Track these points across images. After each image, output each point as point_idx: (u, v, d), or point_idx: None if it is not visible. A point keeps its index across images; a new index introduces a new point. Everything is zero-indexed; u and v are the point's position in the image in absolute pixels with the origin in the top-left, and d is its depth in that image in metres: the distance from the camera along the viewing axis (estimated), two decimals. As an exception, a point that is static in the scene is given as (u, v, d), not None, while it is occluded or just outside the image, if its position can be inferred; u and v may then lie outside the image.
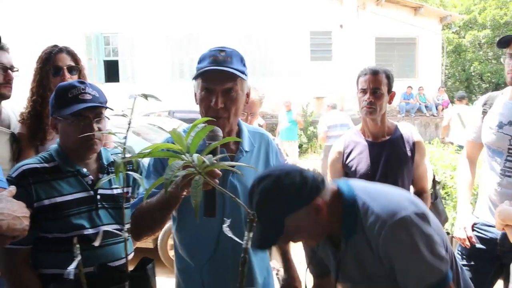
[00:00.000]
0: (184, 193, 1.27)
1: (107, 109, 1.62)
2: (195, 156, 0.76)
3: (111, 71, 14.95)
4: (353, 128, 2.46)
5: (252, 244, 1.30)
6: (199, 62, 1.51)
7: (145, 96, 1.09)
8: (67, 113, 1.52)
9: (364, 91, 2.22)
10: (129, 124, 1.04)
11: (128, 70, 14.81)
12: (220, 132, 1.37)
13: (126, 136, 1.04)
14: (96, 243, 1.11)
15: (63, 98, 1.56)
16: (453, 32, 22.36)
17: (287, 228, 1.25)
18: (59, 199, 1.52)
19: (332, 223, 1.31)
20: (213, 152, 1.25)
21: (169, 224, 1.63)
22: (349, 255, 1.35)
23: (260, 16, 13.68)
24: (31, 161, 1.57)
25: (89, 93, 1.56)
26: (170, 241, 4.01)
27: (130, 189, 1.74)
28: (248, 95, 1.59)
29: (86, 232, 1.53)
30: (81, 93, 1.55)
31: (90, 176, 1.61)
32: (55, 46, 2.14)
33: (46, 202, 1.50)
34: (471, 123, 2.45)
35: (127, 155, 1.04)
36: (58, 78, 2.08)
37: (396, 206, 1.27)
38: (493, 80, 21.03)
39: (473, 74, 21.82)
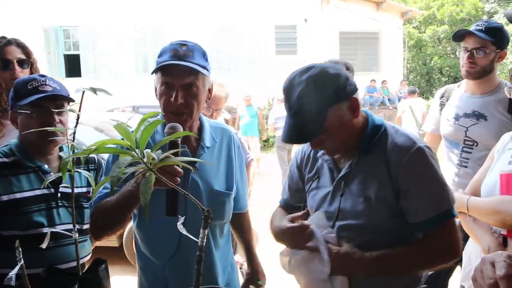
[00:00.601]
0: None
1: (69, 102, 1.57)
2: (145, 152, 0.73)
3: (72, 66, 14.45)
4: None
5: (289, 139, 1.29)
6: (160, 55, 1.46)
7: (94, 90, 1.03)
8: (26, 103, 1.48)
9: (325, 84, 2.23)
10: (77, 119, 0.99)
11: (90, 64, 14.36)
12: (180, 128, 1.34)
13: (74, 132, 0.99)
14: (44, 245, 1.05)
15: (22, 90, 1.52)
16: (413, 27, 22.98)
17: (328, 121, 1.24)
18: (18, 195, 1.48)
19: (354, 135, 1.33)
20: (175, 148, 1.21)
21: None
22: (357, 174, 1.34)
23: (225, 10, 13.56)
24: None
25: (50, 85, 1.53)
26: (135, 239, 3.93)
27: (91, 189, 1.67)
28: (210, 90, 1.55)
29: (45, 230, 1.48)
30: (41, 85, 1.52)
31: (52, 173, 1.56)
32: (3, 37, 2.02)
33: (5, 198, 1.46)
34: (430, 115, 2.52)
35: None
36: (7, 72, 1.97)
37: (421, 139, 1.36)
38: (451, 74, 21.78)
39: (433, 68, 22.51)
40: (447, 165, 2.30)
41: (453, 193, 1.32)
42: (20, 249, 0.78)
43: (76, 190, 1.57)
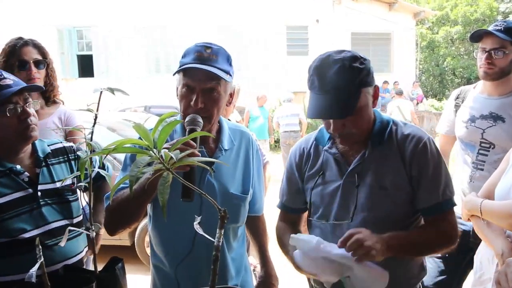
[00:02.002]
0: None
1: (30, 93, 1.51)
2: (163, 152, 0.74)
3: (85, 66, 14.62)
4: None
5: (321, 115, 1.36)
6: (183, 56, 1.44)
7: (112, 90, 1.04)
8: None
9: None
10: (95, 119, 0.99)
11: (103, 65, 14.50)
12: (199, 118, 1.35)
13: (92, 132, 1.00)
14: (62, 243, 1.05)
15: None
16: (426, 28, 22.78)
17: (360, 100, 1.32)
18: None
19: (369, 126, 1.41)
20: (194, 141, 1.23)
21: (146, 221, 1.57)
22: (370, 164, 1.40)
23: (236, 10, 13.60)
24: None
25: (9, 78, 1.44)
26: (147, 238, 3.94)
27: (73, 180, 1.62)
28: (231, 95, 1.52)
29: (28, 235, 1.42)
30: (1, 79, 1.42)
31: (26, 173, 1.48)
32: (20, 38, 2.05)
33: None
34: (444, 117, 2.49)
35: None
36: (24, 72, 2.00)
37: None
38: (465, 75, 21.53)
39: (446, 69, 22.28)
40: (462, 168, 2.26)
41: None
42: (40, 246, 0.78)
43: (59, 184, 1.53)
